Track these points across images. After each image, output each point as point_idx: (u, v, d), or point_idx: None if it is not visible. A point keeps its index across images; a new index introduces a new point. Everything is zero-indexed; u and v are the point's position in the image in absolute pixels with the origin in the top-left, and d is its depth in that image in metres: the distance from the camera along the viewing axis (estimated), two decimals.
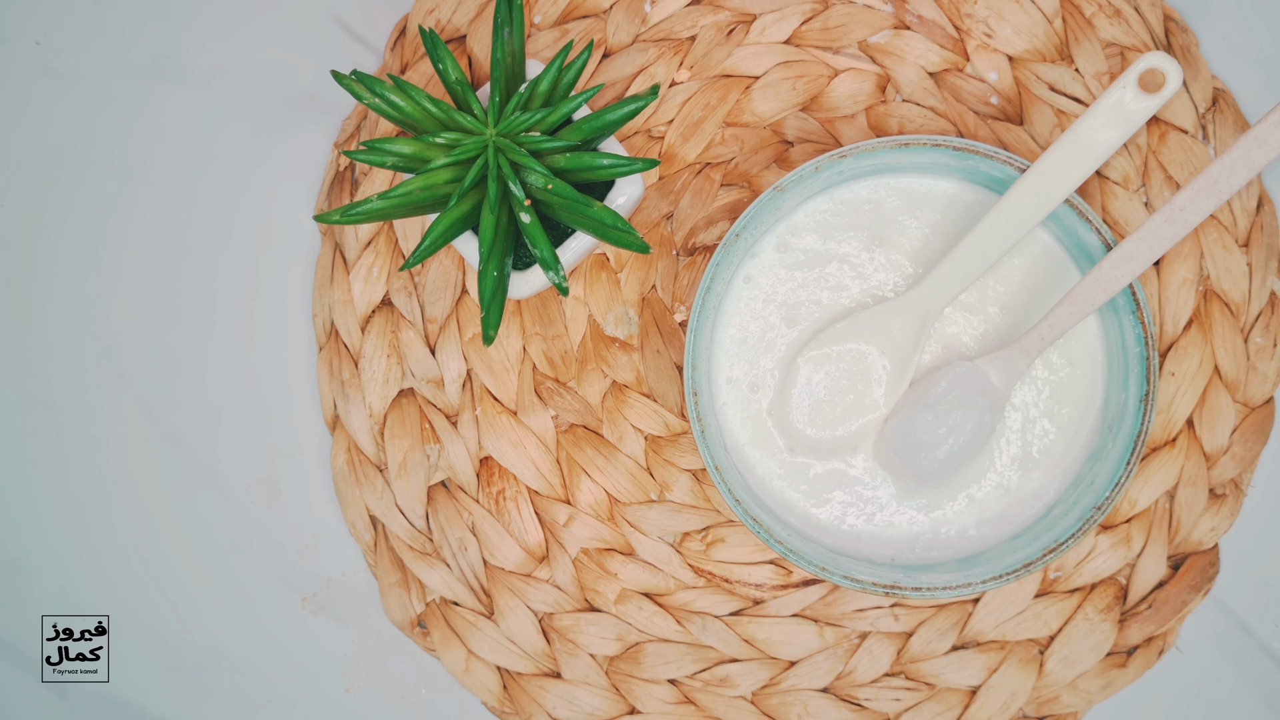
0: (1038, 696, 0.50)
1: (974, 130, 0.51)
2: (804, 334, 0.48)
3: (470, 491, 0.52)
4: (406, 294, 0.52)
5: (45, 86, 0.55)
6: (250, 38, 0.54)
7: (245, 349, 0.54)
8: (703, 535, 0.51)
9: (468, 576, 0.51)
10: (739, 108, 0.52)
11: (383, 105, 0.43)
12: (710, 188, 0.52)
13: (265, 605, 0.53)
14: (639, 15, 0.52)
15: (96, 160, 0.54)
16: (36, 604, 0.53)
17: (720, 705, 0.50)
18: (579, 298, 0.52)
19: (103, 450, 0.54)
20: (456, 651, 0.51)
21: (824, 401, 0.48)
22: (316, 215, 0.43)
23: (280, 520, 0.53)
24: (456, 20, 0.52)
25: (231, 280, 0.54)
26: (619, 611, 0.51)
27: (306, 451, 0.53)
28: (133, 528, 0.53)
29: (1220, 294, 0.50)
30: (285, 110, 0.54)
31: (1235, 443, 0.50)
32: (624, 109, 0.44)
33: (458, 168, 0.43)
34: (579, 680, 0.51)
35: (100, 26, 0.55)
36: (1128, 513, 0.50)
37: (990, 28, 0.51)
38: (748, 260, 0.49)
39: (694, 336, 0.46)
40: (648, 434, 0.51)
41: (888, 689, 0.50)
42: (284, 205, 0.54)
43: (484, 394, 0.52)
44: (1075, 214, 0.46)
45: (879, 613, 0.50)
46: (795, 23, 0.52)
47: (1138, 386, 0.45)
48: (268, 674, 0.53)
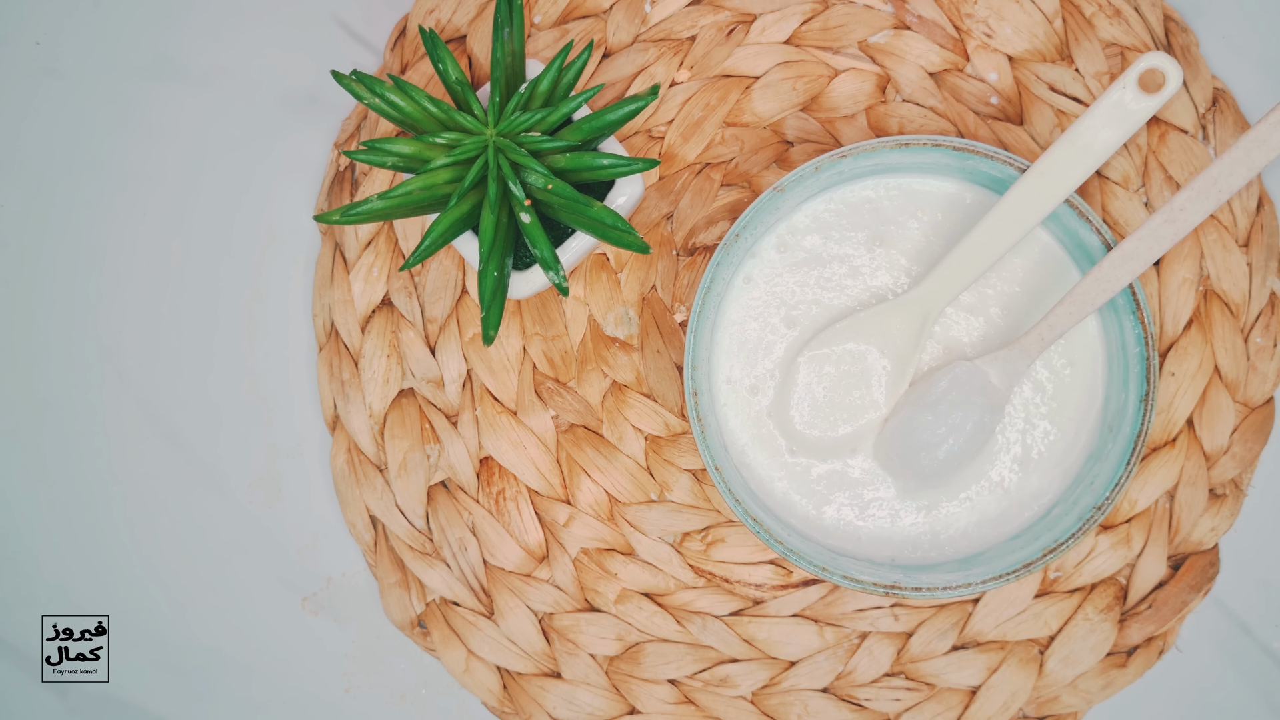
0: (1038, 696, 0.50)
1: (974, 130, 0.51)
2: (804, 334, 0.48)
3: (470, 491, 0.52)
4: (406, 294, 0.52)
5: (45, 86, 0.55)
6: (250, 38, 0.54)
7: (245, 349, 0.54)
8: (703, 535, 0.51)
9: (468, 576, 0.51)
10: (739, 108, 0.52)
11: (383, 105, 0.43)
12: (710, 188, 0.52)
13: (265, 605, 0.53)
14: (639, 15, 0.52)
15: (96, 160, 0.54)
16: (36, 604, 0.53)
17: (720, 705, 0.50)
18: (579, 298, 0.52)
19: (103, 450, 0.54)
20: (456, 651, 0.51)
21: (824, 402, 0.48)
22: (316, 215, 0.43)
23: (280, 520, 0.53)
24: (456, 20, 0.52)
25: (232, 280, 0.54)
26: (619, 611, 0.51)
27: (306, 451, 0.53)
28: (133, 528, 0.53)
29: (1220, 294, 0.50)
30: (285, 110, 0.54)
31: (1235, 443, 0.50)
32: (624, 109, 0.43)
33: (458, 168, 0.43)
34: (579, 680, 0.51)
35: (100, 26, 0.55)
36: (1128, 513, 0.50)
37: (990, 28, 0.51)
38: (748, 260, 0.48)
39: (694, 336, 0.46)
40: (648, 434, 0.51)
41: (888, 689, 0.50)
42: (284, 205, 0.54)
43: (484, 394, 0.52)
44: (1075, 214, 0.46)
45: (879, 613, 0.50)
46: (795, 23, 0.52)
47: (1138, 386, 0.45)
48: (268, 674, 0.53)
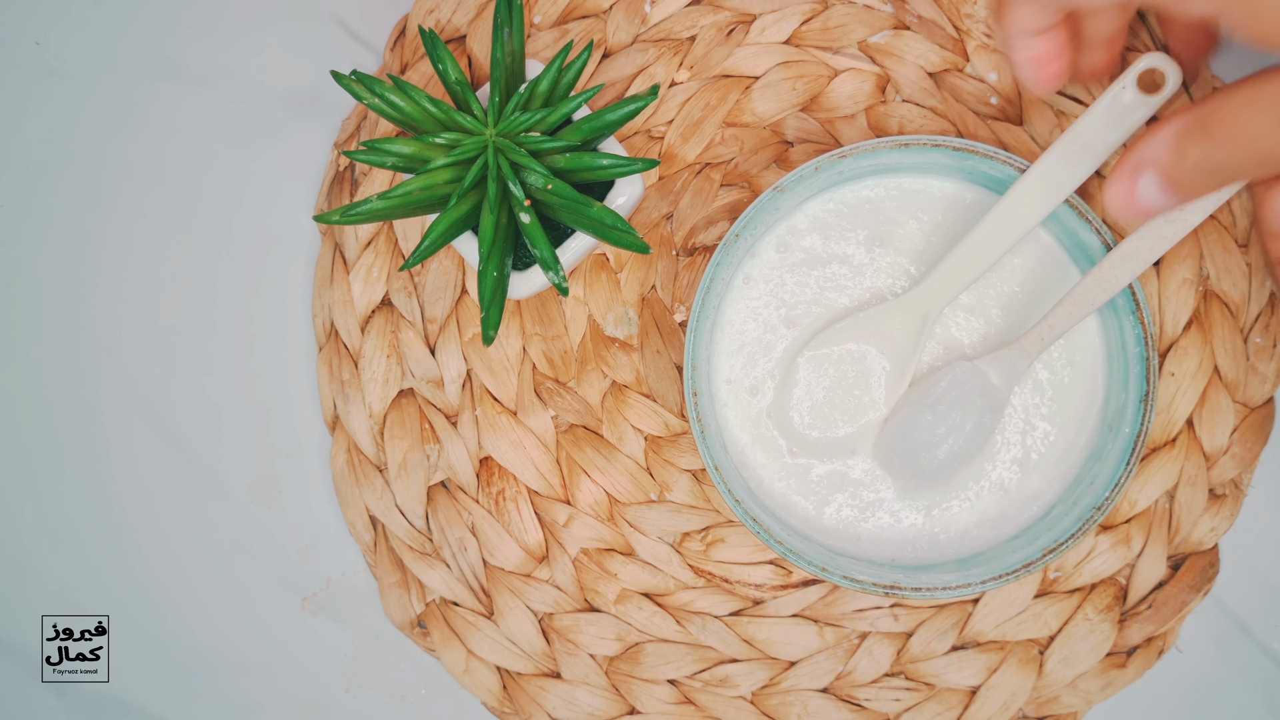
0: (1038, 696, 0.50)
1: (974, 130, 0.51)
2: (804, 334, 0.48)
3: (470, 492, 0.52)
4: (406, 294, 0.52)
5: (45, 86, 0.55)
6: (250, 38, 0.54)
7: (245, 349, 0.54)
8: (703, 535, 0.51)
9: (467, 576, 0.51)
10: (739, 108, 0.52)
11: (383, 105, 0.43)
12: (710, 188, 0.52)
13: (265, 605, 0.53)
14: (639, 15, 0.52)
15: (96, 160, 0.54)
16: (36, 604, 0.53)
17: (720, 705, 0.50)
18: (579, 298, 0.52)
19: (103, 450, 0.54)
20: (456, 652, 0.51)
21: (823, 403, 0.48)
22: (316, 215, 0.43)
23: (280, 520, 0.53)
24: (456, 20, 0.52)
25: (231, 280, 0.54)
26: (619, 611, 0.51)
27: (306, 452, 0.53)
28: (133, 528, 0.53)
29: (1220, 294, 0.50)
30: (285, 110, 0.54)
31: (1235, 443, 0.50)
32: (624, 109, 0.43)
33: (457, 168, 0.43)
34: (579, 680, 0.51)
35: (100, 26, 0.55)
36: (1128, 513, 0.50)
37: (990, 28, 0.51)
38: (748, 260, 0.48)
39: (694, 337, 0.46)
40: (648, 434, 0.51)
41: (888, 689, 0.50)
42: (284, 205, 0.54)
43: (484, 394, 0.52)
44: (1075, 214, 0.46)
45: (879, 613, 0.50)
46: (795, 23, 0.52)
47: (1138, 386, 0.45)
48: (268, 674, 0.53)
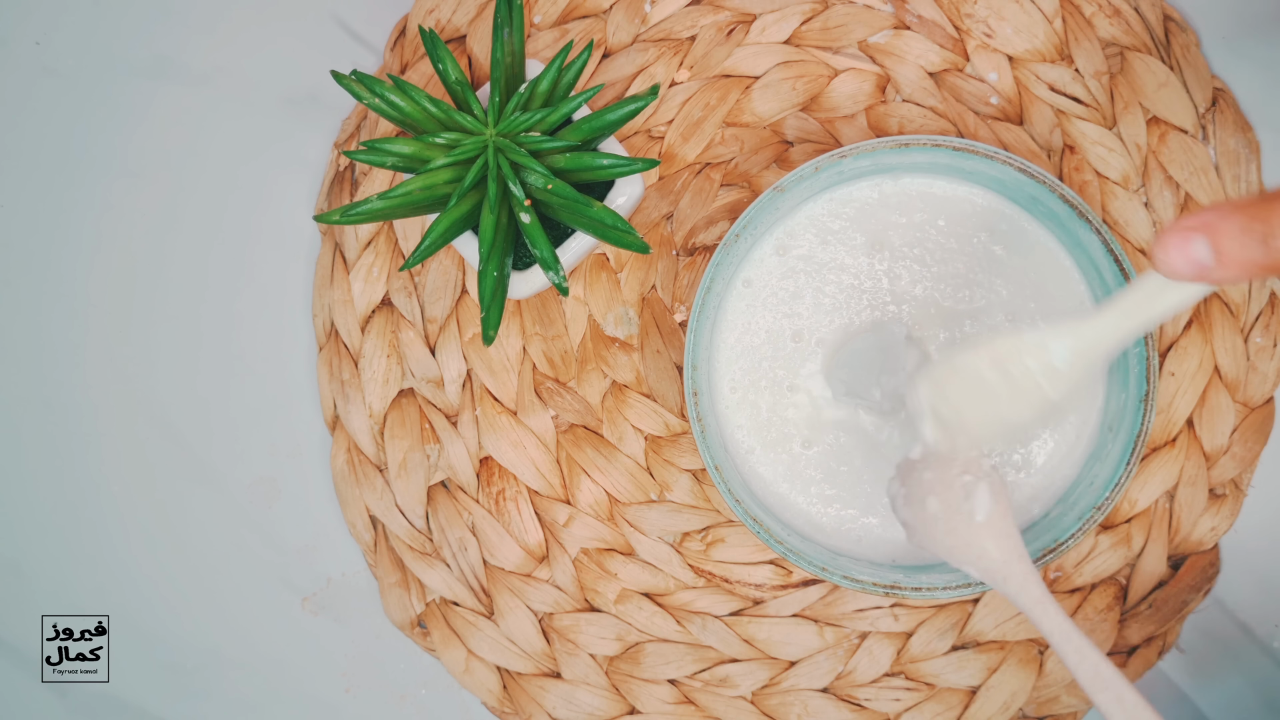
0: (1037, 696, 0.50)
1: (974, 130, 0.51)
2: (803, 333, 0.48)
3: (470, 491, 0.52)
4: (406, 294, 0.52)
5: (45, 86, 0.55)
6: (250, 37, 0.54)
7: (245, 349, 0.54)
8: (703, 535, 0.51)
9: (468, 576, 0.51)
10: (739, 108, 0.52)
11: (383, 105, 0.43)
12: (710, 188, 0.52)
13: (265, 605, 0.53)
14: (639, 15, 0.52)
15: (96, 160, 0.54)
16: (36, 604, 0.53)
17: (720, 705, 0.50)
18: (579, 298, 0.52)
19: (102, 451, 0.54)
20: (456, 651, 0.51)
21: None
22: (316, 215, 0.43)
23: (280, 520, 0.53)
24: (456, 20, 0.52)
25: (231, 280, 0.54)
26: (619, 611, 0.51)
27: (306, 451, 0.53)
28: (132, 528, 0.53)
29: (1220, 294, 0.50)
30: (285, 110, 0.54)
31: (1235, 443, 0.50)
32: (624, 109, 0.43)
33: (458, 168, 0.43)
34: (579, 680, 0.51)
35: (100, 26, 0.55)
36: (1128, 513, 0.50)
37: (990, 28, 0.51)
38: (748, 260, 0.48)
39: (694, 337, 0.46)
40: (648, 434, 0.51)
41: (888, 689, 0.50)
42: (284, 205, 0.54)
43: (484, 394, 0.52)
44: (1075, 214, 0.46)
45: (879, 613, 0.50)
46: (795, 23, 0.52)
47: (1138, 386, 0.45)
48: (268, 674, 0.53)
